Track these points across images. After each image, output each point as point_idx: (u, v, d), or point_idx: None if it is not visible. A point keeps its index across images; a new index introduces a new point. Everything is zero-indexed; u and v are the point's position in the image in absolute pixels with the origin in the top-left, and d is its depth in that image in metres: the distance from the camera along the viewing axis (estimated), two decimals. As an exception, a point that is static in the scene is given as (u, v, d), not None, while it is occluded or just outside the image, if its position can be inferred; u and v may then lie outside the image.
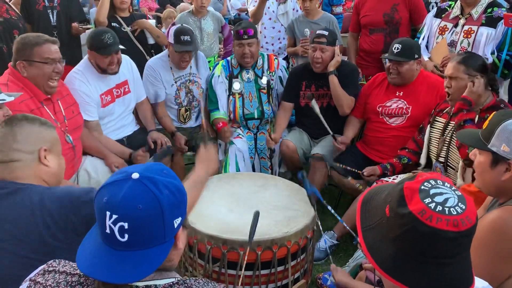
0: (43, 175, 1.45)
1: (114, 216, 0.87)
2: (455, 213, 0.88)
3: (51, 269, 0.99)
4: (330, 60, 2.97)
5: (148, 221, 0.88)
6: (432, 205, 0.88)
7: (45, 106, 2.30)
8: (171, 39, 3.05)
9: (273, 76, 3.22)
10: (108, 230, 0.88)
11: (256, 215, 1.80)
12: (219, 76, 3.17)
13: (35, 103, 2.24)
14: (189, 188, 1.45)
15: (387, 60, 2.83)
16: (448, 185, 0.93)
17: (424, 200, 0.89)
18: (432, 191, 0.90)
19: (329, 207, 2.14)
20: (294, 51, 3.70)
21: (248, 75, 3.17)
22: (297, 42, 3.68)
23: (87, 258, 0.90)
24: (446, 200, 0.89)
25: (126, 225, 0.87)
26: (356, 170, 2.69)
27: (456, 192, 0.92)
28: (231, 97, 3.18)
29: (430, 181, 0.93)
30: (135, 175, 0.90)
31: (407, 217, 0.89)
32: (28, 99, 2.22)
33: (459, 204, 0.89)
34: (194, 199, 1.48)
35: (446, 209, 0.88)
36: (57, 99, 2.40)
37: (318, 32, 3.01)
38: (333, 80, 2.94)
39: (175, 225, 0.93)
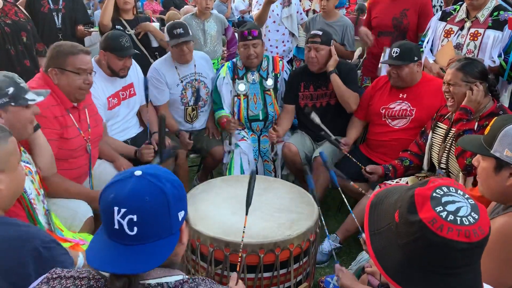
0: None
1: (123, 210, 0.89)
2: (467, 223, 0.85)
3: (55, 276, 0.99)
4: (326, 60, 2.98)
5: (156, 212, 0.91)
6: (444, 214, 0.85)
7: (70, 114, 2.29)
8: (166, 37, 3.09)
9: (278, 77, 3.23)
10: (116, 226, 0.90)
11: (253, 174, 1.83)
12: (224, 77, 3.19)
13: (60, 110, 2.23)
14: None
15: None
16: (461, 193, 0.90)
17: (436, 209, 0.86)
18: (444, 199, 0.87)
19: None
20: None
21: (253, 77, 3.18)
22: None
23: (97, 254, 0.92)
24: (458, 209, 0.86)
25: (135, 218, 0.89)
26: (359, 164, 2.68)
27: (469, 200, 0.89)
28: (236, 98, 3.18)
29: (443, 188, 0.90)
30: (138, 172, 0.95)
31: (417, 225, 0.86)
32: (55, 105, 2.21)
33: (472, 213, 0.86)
34: None
35: (458, 218, 0.85)
36: (83, 107, 2.40)
37: (312, 32, 3.04)
38: (335, 79, 2.95)
39: (180, 218, 0.96)
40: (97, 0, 7.81)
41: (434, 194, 0.88)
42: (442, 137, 2.43)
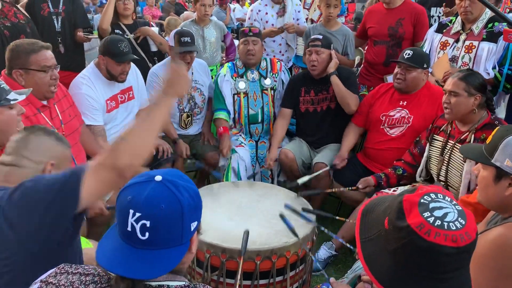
0: None
1: (138, 214, 0.91)
2: (454, 228, 0.87)
3: (63, 271, 1.02)
4: (327, 63, 3.02)
5: (169, 221, 0.93)
6: (431, 219, 0.87)
7: (41, 113, 2.27)
8: (171, 42, 3.11)
9: (276, 77, 3.26)
10: (129, 228, 0.92)
11: (246, 233, 1.83)
12: (225, 75, 3.21)
13: (31, 110, 2.20)
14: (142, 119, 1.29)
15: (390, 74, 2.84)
16: (449, 199, 0.92)
17: (423, 214, 0.88)
18: (431, 205, 0.90)
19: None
20: None
21: (253, 75, 3.21)
22: None
23: (107, 254, 0.94)
24: (445, 214, 0.89)
25: (148, 223, 0.91)
26: (350, 189, 2.69)
27: (456, 206, 0.91)
28: (236, 96, 3.20)
29: (431, 194, 0.92)
30: (158, 178, 0.96)
31: (405, 230, 0.88)
32: (25, 106, 2.14)
33: (459, 219, 0.88)
34: (149, 129, 1.27)
35: (445, 223, 0.87)
36: (53, 103, 2.36)
37: (312, 37, 3.09)
38: (335, 80, 2.98)
39: (192, 228, 0.97)
40: (97, 5, 7.83)
41: (422, 201, 0.91)
42: (439, 150, 2.45)
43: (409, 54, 2.70)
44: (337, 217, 2.24)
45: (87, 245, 1.81)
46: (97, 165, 1.21)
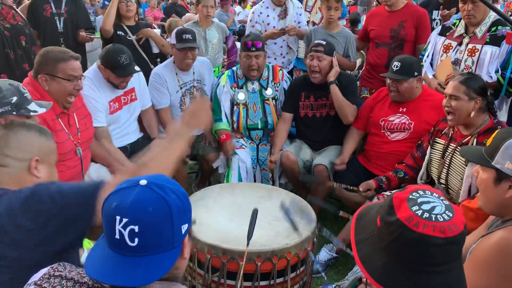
0: (29, 184, 1.38)
1: (124, 220, 0.87)
2: (442, 219, 0.90)
3: (57, 273, 0.98)
4: (328, 70, 3.01)
5: (158, 224, 0.89)
6: (419, 212, 0.92)
7: (59, 119, 2.30)
8: (173, 40, 3.12)
9: (277, 87, 3.24)
10: (117, 236, 0.88)
11: (255, 213, 1.82)
12: (223, 86, 3.20)
13: (50, 115, 2.23)
14: (161, 148, 1.40)
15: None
16: (436, 195, 0.97)
17: (412, 208, 0.92)
18: (419, 200, 0.94)
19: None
20: None
21: (253, 86, 3.20)
22: None
23: (96, 265, 0.90)
24: (433, 207, 0.93)
25: (136, 228, 0.87)
26: (352, 188, 2.68)
27: (444, 201, 0.95)
28: (235, 107, 3.19)
29: (419, 191, 0.97)
30: (143, 182, 0.92)
31: (395, 224, 0.92)
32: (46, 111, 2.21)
33: (446, 211, 0.92)
34: (169, 158, 1.39)
35: (433, 216, 0.91)
36: (73, 111, 2.40)
37: (315, 41, 3.07)
38: (335, 89, 2.97)
39: (183, 231, 0.94)
40: (98, 6, 7.86)
41: (411, 196, 0.95)
42: (440, 153, 2.44)
43: (397, 66, 2.70)
44: (341, 213, 2.24)
45: (89, 246, 1.81)
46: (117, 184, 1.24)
